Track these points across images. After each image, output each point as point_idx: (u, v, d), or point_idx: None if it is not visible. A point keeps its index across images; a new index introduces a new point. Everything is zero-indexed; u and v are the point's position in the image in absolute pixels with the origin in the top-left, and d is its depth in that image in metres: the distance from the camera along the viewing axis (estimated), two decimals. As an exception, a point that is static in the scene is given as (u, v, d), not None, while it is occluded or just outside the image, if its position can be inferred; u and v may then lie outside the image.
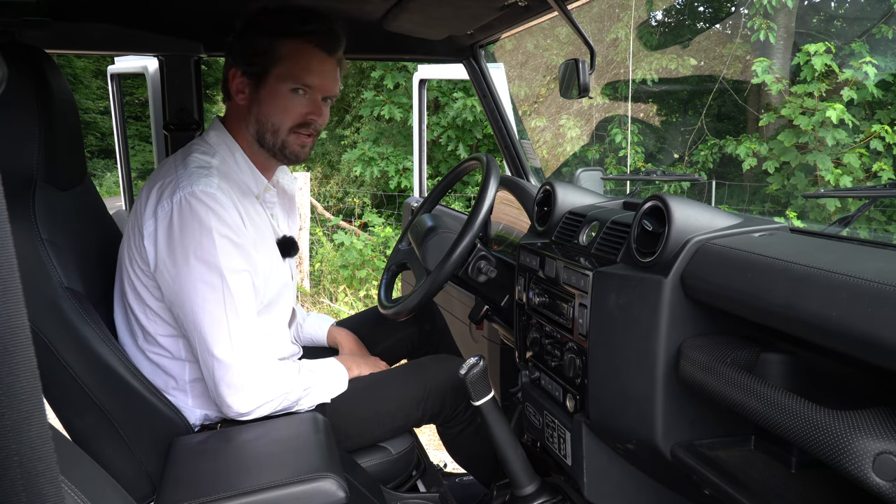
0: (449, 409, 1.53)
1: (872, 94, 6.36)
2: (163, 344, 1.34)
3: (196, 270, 1.22)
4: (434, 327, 1.91)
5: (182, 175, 1.26)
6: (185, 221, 1.22)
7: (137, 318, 1.33)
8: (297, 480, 1.07)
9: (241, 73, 1.36)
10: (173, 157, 1.36)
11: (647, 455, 1.11)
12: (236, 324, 1.24)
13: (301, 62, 1.34)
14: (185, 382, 1.36)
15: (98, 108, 16.10)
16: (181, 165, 1.30)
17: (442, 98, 7.96)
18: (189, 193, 1.23)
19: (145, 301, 1.31)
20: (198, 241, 1.22)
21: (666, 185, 6.48)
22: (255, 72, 1.34)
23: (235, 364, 1.23)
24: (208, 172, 1.29)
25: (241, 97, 1.37)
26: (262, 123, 1.37)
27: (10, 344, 0.35)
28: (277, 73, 1.34)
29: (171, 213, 1.23)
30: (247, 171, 1.39)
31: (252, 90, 1.36)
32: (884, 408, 0.71)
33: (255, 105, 1.36)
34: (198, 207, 1.22)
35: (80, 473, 0.79)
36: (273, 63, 1.33)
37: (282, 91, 1.34)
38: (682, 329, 1.02)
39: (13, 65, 1.14)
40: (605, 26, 8.18)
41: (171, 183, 1.26)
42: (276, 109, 1.35)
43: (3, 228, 0.35)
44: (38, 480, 0.36)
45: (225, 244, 1.24)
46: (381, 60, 7.34)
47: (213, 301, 1.22)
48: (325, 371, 1.41)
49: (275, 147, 1.39)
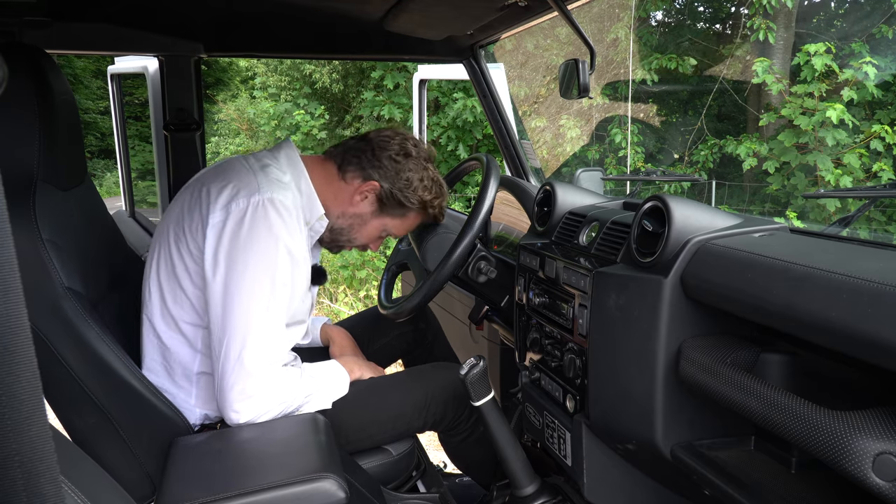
0: (451, 417, 1.53)
1: (872, 94, 6.36)
2: (183, 330, 1.35)
3: (252, 271, 1.24)
4: (428, 327, 1.91)
5: (262, 181, 1.31)
6: (256, 223, 1.25)
7: (164, 299, 1.34)
8: (297, 481, 1.07)
9: (375, 192, 1.47)
10: (246, 160, 1.39)
11: (647, 455, 1.11)
12: (269, 331, 1.25)
13: (410, 228, 1.58)
14: (193, 374, 1.36)
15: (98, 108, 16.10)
16: (259, 172, 1.34)
17: (442, 98, 7.96)
18: (268, 199, 1.27)
19: (181, 284, 1.32)
20: (264, 244, 1.25)
21: (666, 186, 6.48)
22: (382, 204, 1.48)
23: (256, 372, 1.24)
24: (285, 186, 1.34)
25: (357, 199, 1.48)
26: (350, 230, 1.52)
27: (10, 344, 0.35)
28: (391, 223, 1.53)
29: (245, 211, 1.26)
30: (308, 197, 1.43)
31: (368, 209, 1.49)
32: (884, 408, 0.71)
33: (358, 217, 1.50)
34: (272, 215, 1.27)
35: (80, 473, 0.79)
36: (398, 215, 1.51)
37: (380, 230, 1.54)
38: (682, 329, 1.02)
39: (13, 65, 1.14)
40: (605, 26, 8.18)
41: (249, 184, 1.30)
42: (366, 235, 1.54)
43: (3, 228, 0.35)
44: (38, 480, 0.36)
45: (285, 256, 1.28)
46: (381, 60, 7.34)
47: (258, 305, 1.24)
48: (326, 376, 1.41)
49: (335, 243, 1.54)
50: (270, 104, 9.97)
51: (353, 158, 1.47)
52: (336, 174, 1.48)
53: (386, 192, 1.46)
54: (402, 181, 1.46)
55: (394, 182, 1.46)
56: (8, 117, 1.14)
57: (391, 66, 8.03)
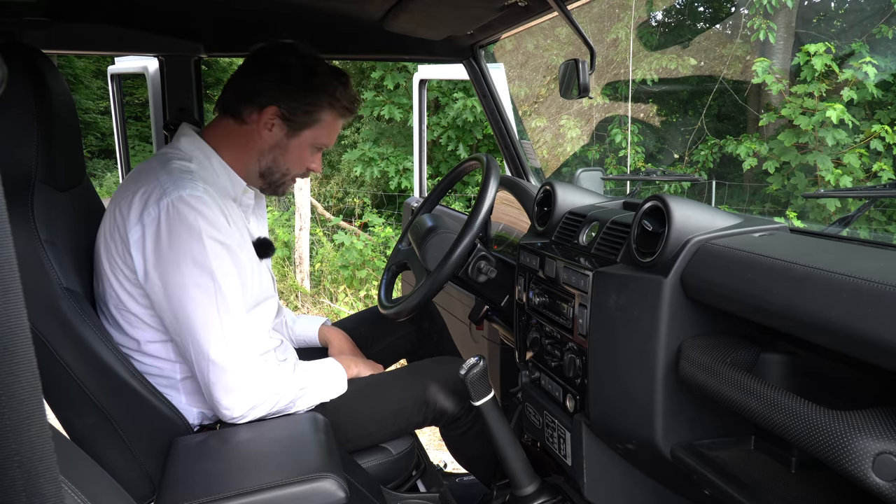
0: (451, 411, 1.53)
1: (872, 94, 6.36)
2: (150, 351, 1.33)
3: (187, 274, 1.22)
4: (433, 327, 1.91)
5: (166, 181, 1.26)
6: (173, 226, 1.22)
7: (122, 327, 1.32)
8: (297, 480, 1.07)
9: (277, 115, 1.40)
10: (148, 163, 1.34)
11: (647, 455, 1.11)
12: (230, 324, 1.24)
13: (333, 130, 1.47)
14: (177, 381, 1.35)
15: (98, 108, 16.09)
16: (162, 172, 1.29)
17: (442, 98, 7.96)
18: (177, 198, 1.23)
19: (130, 309, 1.29)
20: (188, 245, 1.22)
21: (666, 185, 6.48)
22: (290, 122, 1.41)
23: (230, 366, 1.23)
24: (192, 177, 1.29)
25: (266, 133, 1.41)
26: (277, 165, 1.45)
27: (10, 344, 0.35)
28: (311, 134, 1.44)
29: (158, 219, 1.22)
30: (223, 175, 1.39)
31: (281, 135, 1.42)
32: (884, 408, 0.71)
33: (277, 148, 1.43)
34: (186, 212, 1.23)
35: (80, 473, 0.79)
36: (312, 124, 1.43)
37: (306, 147, 1.45)
38: (682, 329, 1.02)
39: (11, 66, 1.14)
40: (605, 26, 8.18)
41: (155, 189, 1.25)
42: (295, 160, 1.46)
43: (3, 229, 0.35)
44: (38, 480, 0.36)
45: (214, 246, 1.24)
46: (381, 61, 7.34)
47: (207, 304, 1.22)
48: (321, 371, 1.41)
49: (274, 184, 1.48)
50: (270, 104, 9.95)
51: (238, 98, 1.41)
52: (234, 125, 1.41)
53: (286, 109, 1.39)
54: (292, 89, 1.38)
55: (285, 94, 1.38)
56: (6, 118, 1.14)
57: (391, 66, 8.03)
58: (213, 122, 1.45)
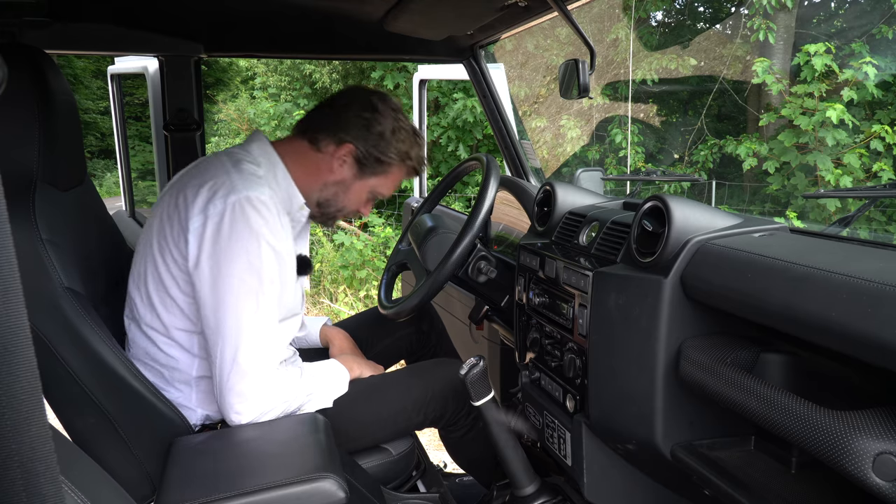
0: (451, 413, 1.53)
1: (872, 94, 6.36)
2: (176, 338, 1.34)
3: (237, 271, 1.24)
4: (432, 329, 1.91)
5: (237, 179, 1.29)
6: (236, 223, 1.24)
7: (155, 309, 1.33)
8: (297, 480, 1.07)
9: (353, 154, 1.44)
10: (217, 158, 1.37)
11: (648, 455, 1.11)
12: (262, 329, 1.25)
13: (396, 184, 1.53)
14: (192, 378, 1.36)
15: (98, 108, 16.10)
16: (234, 170, 1.32)
17: (442, 98, 7.96)
18: (244, 198, 1.26)
19: (169, 292, 1.31)
20: (245, 243, 1.24)
21: (666, 186, 6.48)
22: (361, 165, 1.45)
23: (252, 372, 1.23)
24: (260, 181, 1.33)
25: (336, 167, 1.45)
26: (336, 199, 1.49)
27: (10, 344, 0.35)
28: (375, 183, 1.50)
29: (223, 213, 1.25)
30: (285, 188, 1.42)
31: (349, 174, 1.46)
32: (884, 408, 0.71)
33: (340, 184, 1.47)
34: (250, 212, 1.26)
35: (80, 473, 0.79)
36: (380, 173, 1.48)
37: (366, 191, 1.51)
38: (682, 329, 1.02)
39: (13, 65, 1.14)
40: (605, 26, 8.18)
41: (224, 184, 1.28)
42: (353, 201, 1.51)
43: (3, 228, 0.35)
44: (38, 480, 0.36)
45: (269, 251, 1.27)
46: (381, 61, 7.34)
47: (248, 303, 1.24)
48: (326, 375, 1.41)
49: (326, 215, 1.53)
50: (270, 104, 9.97)
51: (320, 127, 1.44)
52: (308, 148, 1.45)
53: (362, 152, 1.43)
54: (375, 136, 1.43)
55: (367, 139, 1.43)
56: (7, 118, 1.14)
57: (391, 66, 8.03)
58: (289, 139, 1.49)
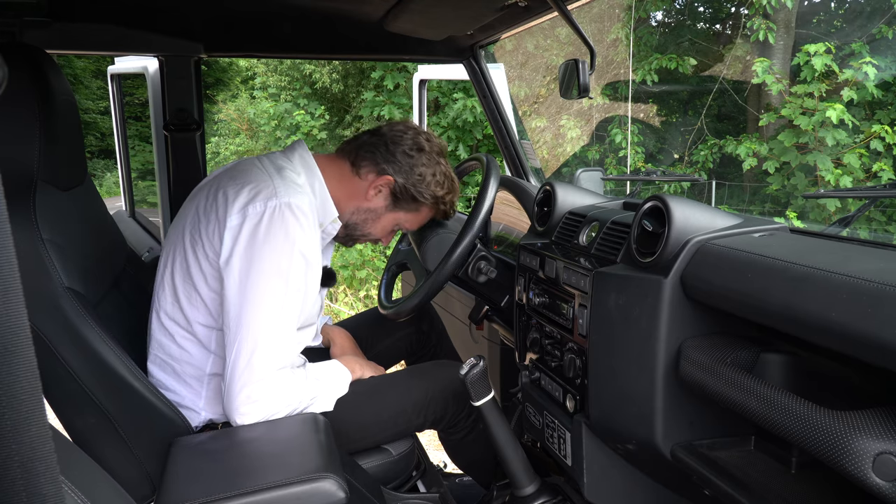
0: (451, 415, 1.53)
1: (872, 94, 6.36)
2: (196, 332, 1.35)
3: (268, 275, 1.25)
4: (432, 329, 1.91)
5: (280, 184, 1.32)
6: (274, 226, 1.26)
7: (179, 299, 1.35)
8: (297, 480, 1.07)
9: (389, 187, 1.49)
10: (260, 162, 1.40)
11: (648, 455, 1.11)
12: (282, 336, 1.26)
13: (422, 222, 1.59)
14: (205, 374, 1.36)
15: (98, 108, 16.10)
16: (277, 175, 1.35)
17: (442, 98, 7.96)
18: (286, 203, 1.28)
19: (196, 285, 1.33)
20: (280, 247, 1.26)
21: (666, 186, 6.48)
22: (396, 198, 1.50)
23: (264, 376, 1.24)
24: (300, 190, 1.35)
25: (372, 195, 1.50)
26: (364, 224, 1.54)
27: (10, 344, 0.35)
28: (404, 218, 1.55)
29: (262, 215, 1.27)
30: (321, 200, 1.45)
31: (382, 204, 1.51)
32: (884, 408, 0.71)
33: (371, 212, 1.52)
34: (290, 219, 1.27)
35: (80, 473, 0.79)
36: (411, 210, 1.54)
37: (393, 224, 1.56)
38: (682, 329, 1.02)
39: (13, 65, 1.14)
40: (605, 26, 8.18)
41: (267, 187, 1.30)
42: (379, 230, 1.56)
43: (3, 228, 0.35)
44: (38, 480, 0.36)
45: (300, 260, 1.28)
46: (381, 61, 7.34)
47: (272, 310, 1.25)
48: (330, 377, 1.41)
49: (350, 237, 1.57)
50: (270, 104, 9.97)
51: (366, 154, 1.48)
52: (349, 171, 1.49)
53: (400, 187, 1.48)
54: (416, 176, 1.48)
55: (407, 177, 1.48)
56: (8, 117, 1.14)
57: (391, 66, 8.04)
58: (332, 157, 1.52)
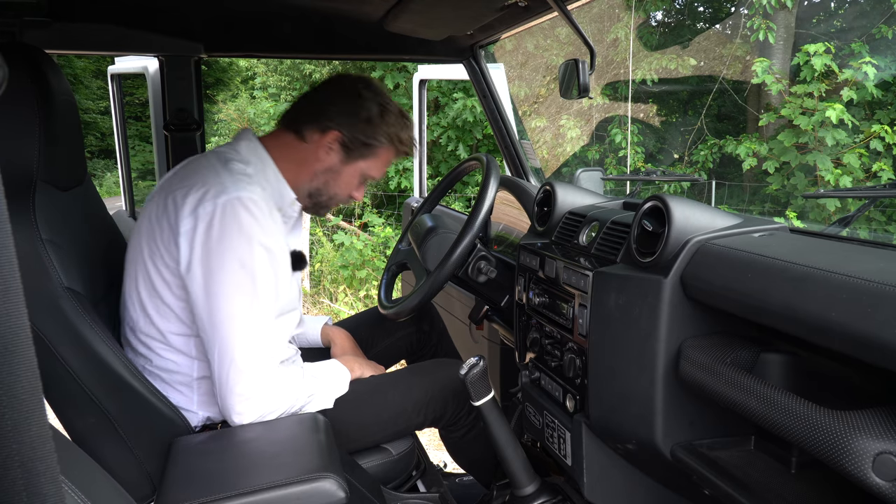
0: (451, 413, 1.53)
1: (872, 94, 6.37)
2: (173, 343, 1.34)
3: (230, 272, 1.23)
4: (433, 329, 1.91)
5: (227, 179, 1.29)
6: (226, 224, 1.24)
7: (150, 316, 1.33)
8: (297, 480, 1.07)
9: (339, 140, 1.43)
10: (207, 159, 1.37)
11: (648, 455, 1.11)
12: (259, 328, 1.25)
13: (385, 166, 1.51)
14: (193, 379, 1.36)
15: (98, 108, 16.10)
16: (223, 170, 1.31)
17: (442, 98, 7.97)
18: (235, 198, 1.25)
19: (162, 298, 1.31)
20: (237, 244, 1.24)
21: (666, 185, 6.48)
22: (349, 150, 1.44)
23: (251, 371, 1.23)
24: (250, 181, 1.32)
25: (323, 155, 1.44)
26: (326, 187, 1.48)
27: (10, 344, 0.35)
28: (365, 166, 1.48)
29: (213, 215, 1.24)
30: (276, 185, 1.42)
31: (336, 160, 1.45)
32: (884, 408, 0.71)
33: (329, 171, 1.46)
34: (241, 213, 1.25)
35: (80, 473, 0.79)
36: (368, 156, 1.47)
37: (357, 177, 1.49)
38: (682, 329, 1.02)
39: (13, 65, 1.14)
40: (605, 26, 8.18)
41: (214, 185, 1.28)
42: (343, 186, 1.49)
43: (3, 228, 0.35)
44: (38, 480, 0.36)
45: (261, 250, 1.26)
46: (381, 61, 7.34)
47: (242, 304, 1.24)
48: (327, 375, 1.41)
49: (319, 205, 1.51)
50: (270, 104, 9.98)
51: (304, 117, 1.44)
52: (294, 140, 1.44)
53: (349, 137, 1.42)
54: (362, 120, 1.42)
55: (353, 124, 1.42)
56: (8, 117, 1.14)
57: (391, 66, 8.04)
58: (274, 133, 1.48)
